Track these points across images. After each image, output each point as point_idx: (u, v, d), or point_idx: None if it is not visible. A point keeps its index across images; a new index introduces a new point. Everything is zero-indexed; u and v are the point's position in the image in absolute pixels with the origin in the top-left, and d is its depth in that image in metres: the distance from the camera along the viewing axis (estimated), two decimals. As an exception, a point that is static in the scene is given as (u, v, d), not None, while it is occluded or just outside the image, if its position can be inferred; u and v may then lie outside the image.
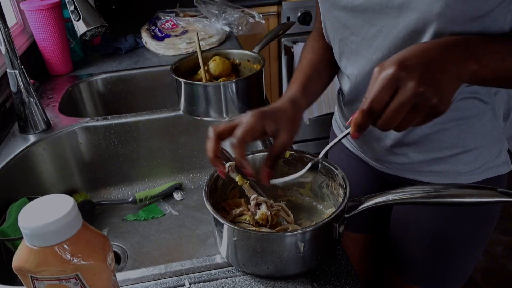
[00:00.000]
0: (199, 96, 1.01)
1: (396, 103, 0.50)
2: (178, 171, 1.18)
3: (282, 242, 0.60)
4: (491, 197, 0.56)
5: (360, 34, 0.70)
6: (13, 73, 0.99)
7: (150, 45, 1.56)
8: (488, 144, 0.76)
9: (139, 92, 1.43)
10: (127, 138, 1.12)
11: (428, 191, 0.60)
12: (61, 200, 0.44)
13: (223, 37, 1.60)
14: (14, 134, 1.06)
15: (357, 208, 0.63)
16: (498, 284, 1.79)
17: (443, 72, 0.50)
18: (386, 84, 0.49)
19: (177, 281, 0.65)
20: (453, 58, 0.52)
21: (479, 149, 0.76)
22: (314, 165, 0.71)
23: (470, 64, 0.53)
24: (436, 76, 0.50)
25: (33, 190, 1.02)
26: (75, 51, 1.48)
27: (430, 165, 0.79)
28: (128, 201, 1.08)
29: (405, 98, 0.49)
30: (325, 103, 2.27)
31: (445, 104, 0.51)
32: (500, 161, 0.78)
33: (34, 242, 0.42)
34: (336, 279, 0.63)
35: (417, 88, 0.48)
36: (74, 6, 0.99)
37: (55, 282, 0.44)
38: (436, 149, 0.76)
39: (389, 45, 0.67)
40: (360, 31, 0.70)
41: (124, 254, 0.96)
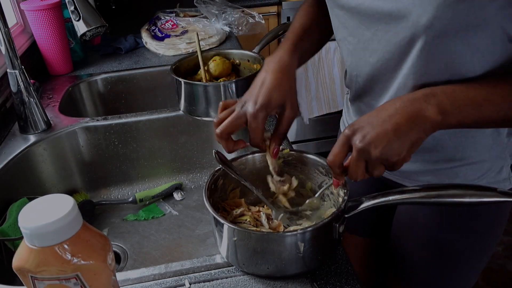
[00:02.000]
0: (199, 96, 1.01)
1: (350, 158, 0.58)
2: (178, 171, 1.18)
3: (282, 242, 0.60)
4: (491, 197, 0.56)
5: (356, 35, 0.70)
6: (13, 73, 0.99)
7: (150, 45, 1.56)
8: (489, 159, 0.74)
9: (139, 92, 1.43)
10: (127, 138, 1.12)
11: (428, 191, 0.60)
12: (61, 200, 0.44)
13: (223, 37, 1.60)
14: (14, 134, 1.06)
15: (357, 208, 0.63)
16: (498, 284, 1.79)
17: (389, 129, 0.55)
18: (340, 142, 0.58)
19: (177, 281, 0.65)
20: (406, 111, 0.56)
21: (478, 163, 0.74)
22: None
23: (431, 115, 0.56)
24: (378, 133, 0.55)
25: (33, 190, 1.02)
26: (75, 51, 1.48)
27: (427, 175, 0.78)
28: (128, 201, 1.08)
29: (354, 154, 0.57)
30: (325, 103, 2.27)
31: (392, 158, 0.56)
32: (501, 177, 0.76)
33: (34, 242, 0.42)
34: (336, 279, 0.63)
35: (358, 145, 0.56)
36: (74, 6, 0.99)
37: (55, 282, 0.44)
38: (432, 160, 0.75)
39: (383, 50, 0.67)
40: (356, 32, 0.70)
41: (124, 254, 0.96)
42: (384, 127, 0.55)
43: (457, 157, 0.74)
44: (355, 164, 0.58)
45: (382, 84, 0.71)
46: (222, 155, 0.72)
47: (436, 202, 0.59)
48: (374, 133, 0.55)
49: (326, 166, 0.72)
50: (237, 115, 0.66)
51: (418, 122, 0.55)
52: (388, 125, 0.55)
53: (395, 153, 0.55)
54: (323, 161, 0.73)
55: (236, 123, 0.66)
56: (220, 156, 0.72)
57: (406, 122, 0.55)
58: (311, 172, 0.75)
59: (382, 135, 0.55)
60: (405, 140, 0.55)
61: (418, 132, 0.56)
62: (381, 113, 0.57)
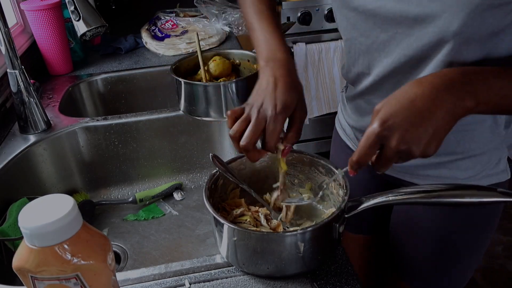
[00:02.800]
0: (199, 96, 1.01)
1: (383, 158, 0.54)
2: (178, 171, 1.18)
3: (282, 242, 0.60)
4: (491, 197, 0.57)
5: (370, 37, 0.69)
6: (13, 73, 0.99)
7: (150, 45, 1.56)
8: (488, 151, 0.75)
9: (139, 92, 1.43)
10: (127, 138, 1.12)
11: (428, 191, 0.60)
12: (61, 200, 0.44)
13: (223, 37, 1.60)
14: (14, 134, 1.06)
15: (357, 208, 0.63)
16: (498, 284, 1.79)
17: (429, 124, 0.52)
18: (370, 143, 0.53)
19: (177, 281, 0.65)
20: (443, 102, 0.52)
21: (478, 156, 0.75)
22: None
23: (466, 102, 0.53)
24: (419, 131, 0.52)
25: (33, 190, 1.02)
26: (75, 51, 1.48)
27: (427, 170, 0.78)
28: (128, 201, 1.08)
29: (389, 154, 0.53)
30: (325, 103, 2.27)
31: (431, 151, 0.53)
32: (499, 169, 0.77)
33: (34, 242, 0.42)
34: (336, 279, 0.63)
35: (397, 147, 0.52)
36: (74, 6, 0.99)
37: (55, 282, 0.44)
38: None
39: (401, 52, 0.66)
40: (370, 34, 0.68)
41: (124, 254, 0.96)
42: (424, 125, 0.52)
43: (458, 150, 0.74)
44: (387, 162, 0.54)
45: (392, 85, 0.71)
46: (219, 159, 0.72)
47: (436, 202, 0.59)
48: (414, 132, 0.52)
49: (326, 166, 0.72)
50: (258, 122, 0.61)
51: (455, 113, 0.53)
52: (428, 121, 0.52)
53: (434, 146, 0.53)
54: (323, 161, 0.72)
55: (259, 130, 0.62)
56: (217, 160, 0.72)
57: (446, 116, 0.52)
58: (311, 172, 0.75)
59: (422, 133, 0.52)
60: (443, 134, 0.53)
61: (454, 122, 0.54)
62: (416, 104, 0.52)
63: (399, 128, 0.52)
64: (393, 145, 0.52)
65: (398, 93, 0.54)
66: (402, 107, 0.52)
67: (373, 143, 0.53)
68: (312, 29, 2.19)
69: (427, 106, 0.52)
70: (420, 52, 0.63)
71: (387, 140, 0.52)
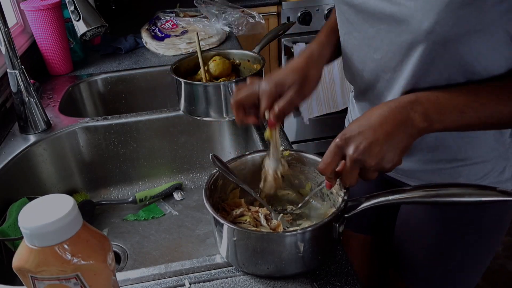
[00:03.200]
0: (199, 96, 1.01)
1: (344, 168, 0.60)
2: (178, 171, 1.18)
3: (282, 242, 0.60)
4: (490, 196, 0.56)
5: (361, 31, 0.70)
6: (13, 73, 0.99)
7: (150, 45, 1.56)
8: (492, 159, 0.74)
9: (139, 92, 1.43)
10: (127, 138, 1.12)
11: (428, 191, 0.60)
12: (61, 200, 0.44)
13: (223, 37, 1.60)
14: (14, 134, 1.06)
15: (357, 208, 0.63)
16: (498, 284, 1.79)
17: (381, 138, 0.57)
18: (331, 152, 0.60)
19: (177, 281, 0.65)
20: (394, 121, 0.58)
21: (480, 163, 0.74)
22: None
23: (416, 121, 0.58)
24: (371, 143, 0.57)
25: (33, 190, 1.02)
26: (75, 51, 1.48)
27: (429, 175, 0.78)
28: (128, 201, 1.08)
29: (348, 164, 0.59)
30: (325, 103, 2.27)
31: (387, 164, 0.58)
32: (504, 178, 0.76)
33: (34, 242, 0.42)
34: (336, 279, 0.63)
35: (352, 156, 0.58)
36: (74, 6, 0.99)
37: (55, 282, 0.44)
38: (435, 159, 0.75)
39: (386, 48, 0.67)
40: (361, 28, 0.70)
41: (124, 254, 0.96)
42: (376, 136, 0.57)
43: (460, 157, 0.74)
44: (349, 173, 0.60)
45: (384, 83, 0.71)
46: (219, 159, 0.72)
47: (436, 201, 0.59)
48: (367, 142, 0.57)
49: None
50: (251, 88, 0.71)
51: (406, 129, 0.58)
52: (379, 133, 0.58)
53: (388, 160, 0.58)
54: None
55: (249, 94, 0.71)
56: (217, 160, 0.72)
57: (396, 130, 0.58)
58: (311, 172, 0.75)
59: (375, 144, 0.57)
60: (397, 146, 0.58)
61: (407, 138, 0.58)
62: (371, 120, 0.59)
63: (354, 140, 0.58)
64: (349, 154, 0.58)
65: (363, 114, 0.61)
66: (359, 124, 0.60)
67: (334, 152, 0.60)
68: (312, 29, 2.19)
69: (379, 122, 0.58)
70: (400, 49, 0.64)
71: (345, 150, 0.59)
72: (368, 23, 0.68)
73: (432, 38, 0.59)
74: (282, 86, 0.70)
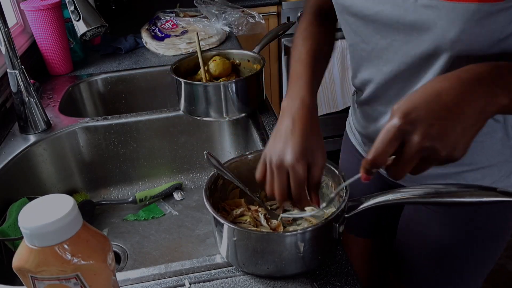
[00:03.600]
0: (199, 96, 1.01)
1: (402, 158, 0.48)
2: (178, 171, 1.18)
3: (282, 242, 0.60)
4: (491, 196, 0.56)
5: (370, 43, 0.68)
6: (13, 73, 0.99)
7: (150, 45, 1.56)
8: (498, 163, 0.72)
9: (139, 92, 1.43)
10: (127, 138, 1.12)
11: (427, 191, 0.59)
12: (61, 200, 0.44)
13: (223, 37, 1.60)
14: (14, 134, 1.06)
15: (357, 208, 0.63)
16: (499, 284, 1.79)
17: (456, 121, 0.47)
18: (390, 138, 0.47)
19: (177, 281, 0.65)
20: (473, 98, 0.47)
21: (487, 168, 0.73)
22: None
23: (500, 99, 0.48)
24: (447, 127, 0.46)
25: (33, 190, 1.02)
26: (75, 51, 1.48)
27: (434, 180, 0.76)
28: (128, 201, 1.08)
29: (410, 153, 0.47)
30: (325, 103, 2.27)
31: (459, 153, 0.48)
32: (511, 182, 0.74)
33: (34, 242, 0.42)
34: (336, 279, 0.63)
35: (421, 143, 0.46)
36: (74, 6, 0.99)
37: (55, 282, 0.44)
38: None
39: (399, 60, 0.65)
40: (370, 40, 0.67)
41: (124, 254, 0.96)
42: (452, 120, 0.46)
43: (465, 162, 0.71)
44: (407, 163, 0.48)
45: (394, 92, 0.70)
46: (215, 157, 0.72)
47: (436, 201, 0.59)
48: (441, 126, 0.46)
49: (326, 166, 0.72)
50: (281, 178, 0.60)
51: (486, 110, 0.48)
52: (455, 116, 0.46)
53: (461, 148, 0.47)
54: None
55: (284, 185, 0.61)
56: (212, 157, 0.72)
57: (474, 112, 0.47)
58: (311, 172, 0.75)
59: (450, 129, 0.46)
60: (472, 132, 0.48)
61: (484, 121, 0.48)
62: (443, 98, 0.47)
63: (423, 121, 0.46)
64: (416, 141, 0.46)
65: (421, 88, 0.49)
66: (427, 101, 0.47)
67: (393, 138, 0.47)
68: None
69: (455, 100, 0.47)
70: (419, 60, 0.62)
71: (410, 135, 0.47)
72: (379, 35, 0.65)
73: (457, 47, 0.56)
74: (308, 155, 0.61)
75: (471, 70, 0.50)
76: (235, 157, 0.76)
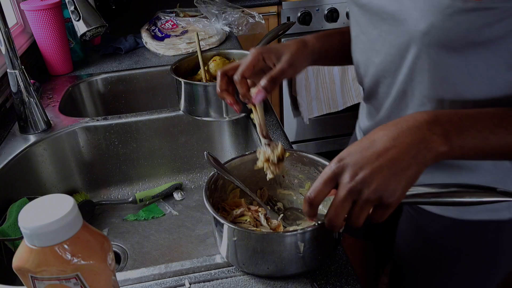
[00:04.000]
0: (199, 96, 1.01)
1: (334, 199, 0.51)
2: (178, 171, 1.18)
3: (282, 242, 0.60)
4: (491, 196, 0.56)
5: (366, 33, 0.69)
6: (13, 73, 0.99)
7: (150, 45, 1.56)
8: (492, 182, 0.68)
9: (139, 92, 1.43)
10: (127, 138, 1.12)
11: (428, 191, 0.59)
12: (61, 200, 0.44)
13: (223, 37, 1.60)
14: (14, 134, 1.06)
15: (357, 208, 0.63)
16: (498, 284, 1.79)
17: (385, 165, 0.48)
18: (325, 179, 0.51)
19: (177, 281, 0.65)
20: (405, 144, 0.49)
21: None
22: None
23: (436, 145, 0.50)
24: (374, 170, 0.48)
25: (33, 190, 1.02)
26: (75, 51, 1.48)
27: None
28: (128, 201, 1.08)
29: (341, 194, 0.50)
30: (325, 103, 2.27)
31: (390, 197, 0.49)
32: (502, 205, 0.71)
33: (34, 242, 0.42)
34: (336, 279, 0.63)
35: (349, 185, 0.49)
36: (74, 6, 0.99)
37: (55, 282, 0.44)
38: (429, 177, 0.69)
39: (386, 51, 0.65)
40: (366, 30, 0.68)
41: (124, 254, 0.96)
42: (380, 163, 0.49)
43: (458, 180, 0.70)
44: (340, 205, 0.50)
45: (384, 88, 0.71)
46: (214, 157, 0.72)
47: (436, 202, 0.59)
48: (368, 171, 0.49)
49: (326, 166, 0.72)
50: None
51: (419, 155, 0.49)
52: (383, 160, 0.49)
53: (390, 193, 0.49)
54: (323, 161, 0.72)
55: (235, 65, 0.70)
56: (212, 157, 0.72)
57: (405, 157, 0.49)
58: (311, 172, 0.75)
59: (377, 173, 0.48)
60: (403, 177, 0.49)
61: (418, 166, 0.49)
62: (375, 143, 0.50)
63: (354, 165, 0.50)
64: (345, 182, 0.49)
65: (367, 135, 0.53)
66: (361, 147, 0.51)
67: (327, 179, 0.51)
68: (312, 29, 2.19)
69: (386, 146, 0.49)
70: (398, 51, 0.62)
71: (340, 177, 0.50)
72: (373, 25, 0.66)
73: (426, 40, 0.57)
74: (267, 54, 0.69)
75: (411, 117, 0.52)
76: (235, 157, 0.76)
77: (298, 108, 2.27)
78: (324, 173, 0.52)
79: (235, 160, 0.76)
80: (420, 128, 0.50)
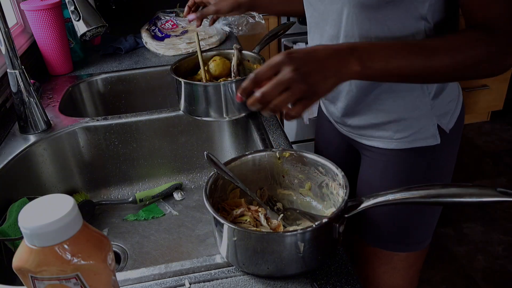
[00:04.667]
0: (199, 96, 1.01)
1: (273, 80, 0.62)
2: (178, 171, 1.18)
3: (282, 242, 0.60)
4: (491, 196, 0.57)
5: (316, 8, 0.82)
6: (13, 73, 0.99)
7: (150, 45, 1.56)
8: (418, 118, 0.83)
9: (139, 92, 1.43)
10: (127, 138, 1.12)
11: (428, 191, 0.60)
12: (61, 200, 0.44)
13: (223, 37, 1.60)
14: (14, 134, 1.06)
15: (357, 208, 0.63)
16: (498, 284, 1.79)
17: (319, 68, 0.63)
18: (272, 64, 0.63)
19: (177, 281, 0.65)
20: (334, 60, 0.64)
21: (408, 120, 0.83)
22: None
23: (351, 65, 0.64)
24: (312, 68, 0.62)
25: (33, 190, 1.02)
26: (75, 51, 1.48)
27: (370, 130, 0.87)
28: (128, 201, 1.08)
29: (280, 78, 0.62)
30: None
31: (319, 90, 0.63)
32: (429, 134, 0.84)
33: (34, 242, 0.42)
34: (336, 279, 0.63)
35: (290, 73, 0.61)
36: (74, 6, 0.99)
37: (55, 282, 0.44)
38: (373, 115, 0.85)
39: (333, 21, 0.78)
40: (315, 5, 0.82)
41: (124, 254, 0.96)
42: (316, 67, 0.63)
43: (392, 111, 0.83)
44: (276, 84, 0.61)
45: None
46: (214, 157, 0.72)
47: (436, 202, 0.59)
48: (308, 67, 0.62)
49: (326, 166, 0.72)
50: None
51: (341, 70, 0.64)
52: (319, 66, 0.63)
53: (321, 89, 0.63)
54: (323, 161, 0.73)
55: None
56: (212, 157, 0.72)
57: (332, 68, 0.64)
58: (311, 172, 0.75)
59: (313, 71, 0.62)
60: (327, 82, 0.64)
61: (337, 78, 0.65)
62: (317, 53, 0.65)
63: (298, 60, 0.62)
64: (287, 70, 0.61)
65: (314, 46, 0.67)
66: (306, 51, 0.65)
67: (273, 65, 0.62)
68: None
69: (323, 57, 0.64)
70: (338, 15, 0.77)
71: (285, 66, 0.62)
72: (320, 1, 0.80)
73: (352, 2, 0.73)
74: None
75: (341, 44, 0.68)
76: (235, 157, 0.76)
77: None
78: (273, 59, 0.63)
79: (235, 160, 0.76)
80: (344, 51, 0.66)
